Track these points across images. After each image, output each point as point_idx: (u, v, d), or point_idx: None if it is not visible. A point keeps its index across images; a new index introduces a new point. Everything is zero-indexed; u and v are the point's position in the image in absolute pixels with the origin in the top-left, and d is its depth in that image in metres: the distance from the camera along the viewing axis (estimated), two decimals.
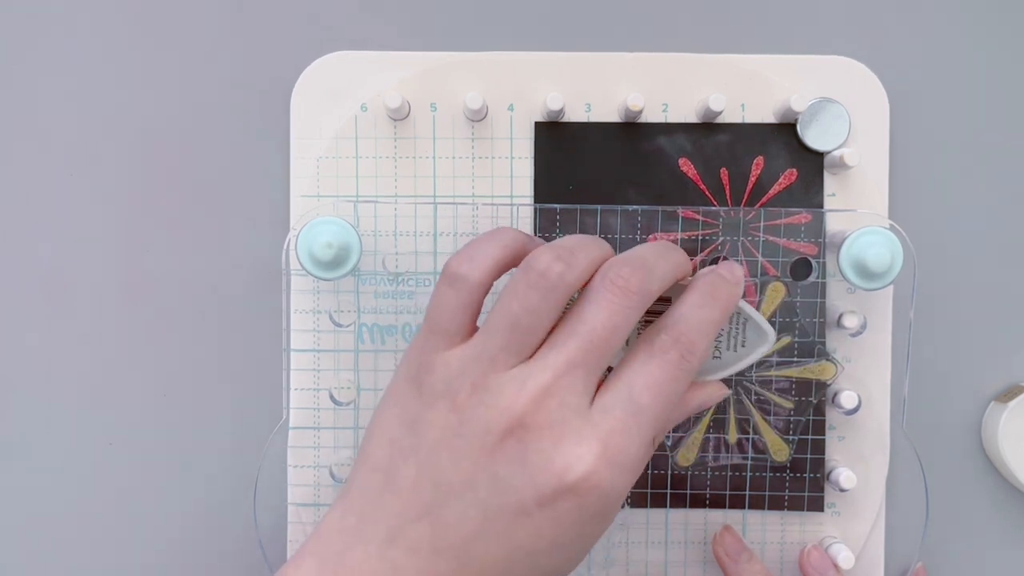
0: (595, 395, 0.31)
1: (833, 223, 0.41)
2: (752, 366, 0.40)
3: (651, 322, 0.33)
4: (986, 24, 0.42)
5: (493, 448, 0.29)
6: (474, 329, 0.32)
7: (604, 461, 0.29)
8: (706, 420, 0.41)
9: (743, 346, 0.35)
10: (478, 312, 0.32)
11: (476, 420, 0.30)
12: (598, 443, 0.29)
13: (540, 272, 0.30)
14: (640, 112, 0.40)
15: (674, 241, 0.41)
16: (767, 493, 0.41)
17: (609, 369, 0.32)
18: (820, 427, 0.41)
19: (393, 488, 0.31)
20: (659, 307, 0.33)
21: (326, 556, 0.30)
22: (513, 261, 0.32)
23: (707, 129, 0.41)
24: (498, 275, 0.32)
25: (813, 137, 0.41)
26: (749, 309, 0.35)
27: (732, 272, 0.33)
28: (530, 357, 0.31)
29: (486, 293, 0.32)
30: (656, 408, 0.30)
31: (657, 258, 0.32)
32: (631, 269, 0.31)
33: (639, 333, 0.34)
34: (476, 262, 0.32)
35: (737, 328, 0.35)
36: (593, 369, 0.30)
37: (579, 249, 0.31)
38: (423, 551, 0.30)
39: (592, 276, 0.32)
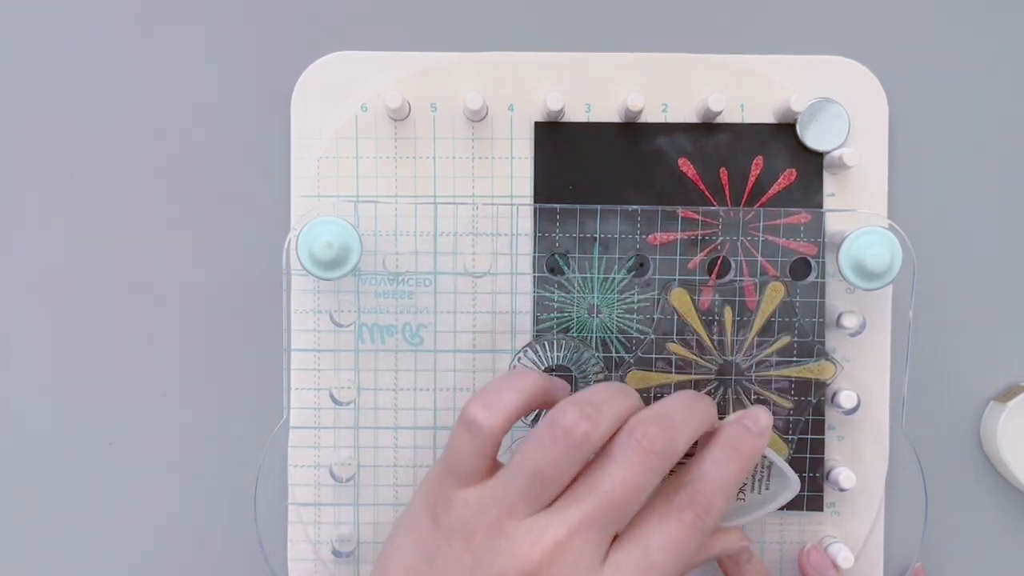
0: (610, 549, 0.31)
1: (832, 223, 0.41)
2: (752, 368, 0.40)
3: (680, 462, 0.32)
4: (986, 24, 0.42)
5: None
6: (492, 468, 0.32)
7: None
8: None
9: (767, 489, 0.35)
10: (495, 454, 0.32)
11: (490, 565, 0.30)
12: None
13: (565, 429, 0.30)
14: (640, 112, 0.40)
15: (673, 241, 0.41)
16: None
17: None
18: (819, 427, 0.41)
19: None
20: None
21: None
22: (532, 407, 0.33)
23: (707, 129, 0.41)
24: (516, 420, 0.32)
25: (812, 137, 0.41)
26: (773, 455, 0.35)
27: (757, 423, 0.33)
28: (548, 505, 0.31)
29: (504, 436, 0.32)
30: (669, 566, 0.30)
31: (685, 414, 0.32)
32: (657, 429, 0.31)
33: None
34: (495, 409, 0.32)
35: (762, 472, 0.35)
36: (610, 527, 0.30)
37: (605, 405, 0.31)
38: None
39: (618, 430, 0.31)
